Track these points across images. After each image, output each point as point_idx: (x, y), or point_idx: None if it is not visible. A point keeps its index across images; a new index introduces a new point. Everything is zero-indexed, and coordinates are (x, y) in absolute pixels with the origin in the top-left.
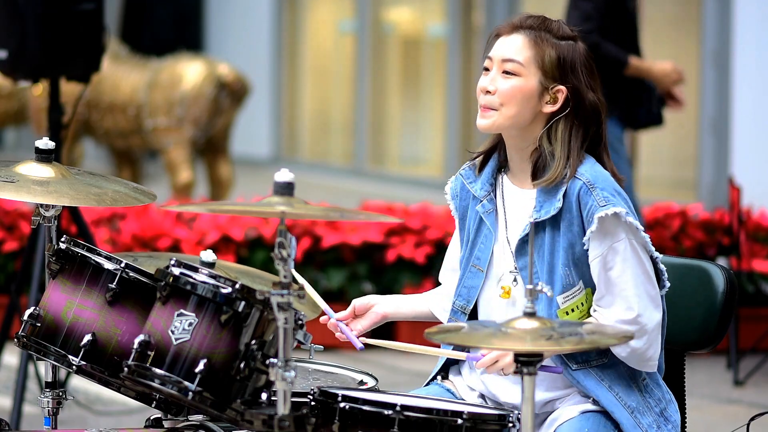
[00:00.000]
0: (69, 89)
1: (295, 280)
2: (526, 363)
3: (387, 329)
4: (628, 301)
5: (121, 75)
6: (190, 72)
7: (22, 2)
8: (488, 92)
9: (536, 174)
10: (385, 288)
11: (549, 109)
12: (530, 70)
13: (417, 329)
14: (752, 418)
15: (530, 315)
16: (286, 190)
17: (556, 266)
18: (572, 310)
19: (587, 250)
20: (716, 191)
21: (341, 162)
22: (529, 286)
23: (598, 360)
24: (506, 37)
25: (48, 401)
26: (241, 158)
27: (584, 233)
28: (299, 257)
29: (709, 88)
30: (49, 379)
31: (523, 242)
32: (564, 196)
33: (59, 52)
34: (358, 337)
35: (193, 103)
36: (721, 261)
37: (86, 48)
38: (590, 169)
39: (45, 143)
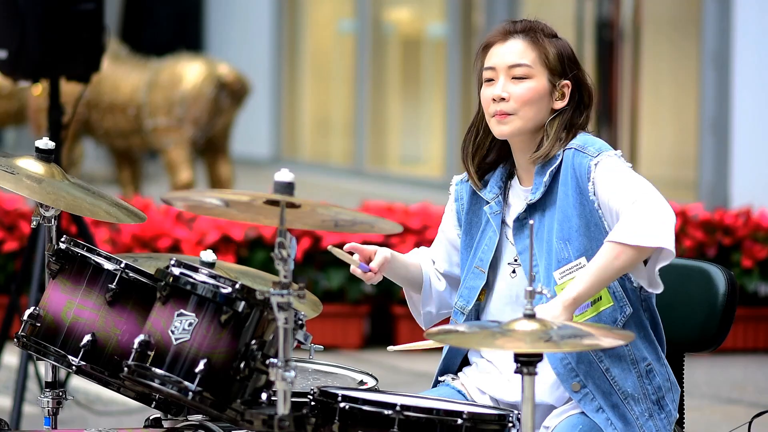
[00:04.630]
0: (69, 89)
1: (296, 280)
2: (526, 363)
3: (387, 333)
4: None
5: (121, 75)
6: (190, 72)
7: (22, 2)
8: (502, 99)
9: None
10: (385, 288)
11: (559, 105)
12: (538, 70)
13: (417, 329)
14: (754, 417)
15: (530, 317)
16: (286, 190)
17: (551, 242)
18: None
19: (595, 206)
20: (716, 191)
21: (341, 162)
22: (528, 288)
23: None
24: (501, 45)
25: (48, 401)
26: (241, 158)
27: (581, 197)
28: (299, 257)
29: (709, 88)
30: (49, 379)
31: (520, 223)
32: (558, 169)
33: (59, 52)
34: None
35: (193, 103)
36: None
37: (86, 48)
38: (580, 138)
39: (45, 143)
